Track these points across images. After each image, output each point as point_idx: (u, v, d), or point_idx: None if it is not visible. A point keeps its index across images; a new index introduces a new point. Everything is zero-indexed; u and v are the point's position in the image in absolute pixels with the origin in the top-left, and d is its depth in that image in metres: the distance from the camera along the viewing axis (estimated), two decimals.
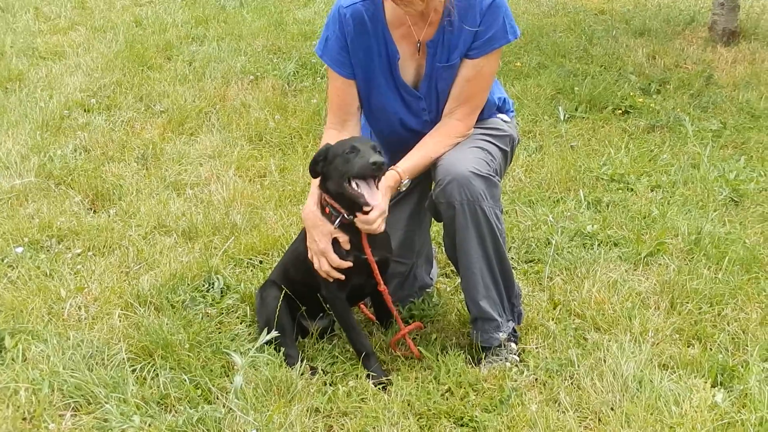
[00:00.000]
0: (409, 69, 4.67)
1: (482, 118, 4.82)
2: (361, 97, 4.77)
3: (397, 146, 4.72)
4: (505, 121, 4.93)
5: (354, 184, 4.29)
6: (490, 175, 4.48)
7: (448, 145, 4.61)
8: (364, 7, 4.53)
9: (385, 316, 4.93)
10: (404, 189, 4.59)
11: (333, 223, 4.43)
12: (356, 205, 4.33)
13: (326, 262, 4.44)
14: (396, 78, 4.67)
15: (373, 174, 4.25)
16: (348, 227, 4.44)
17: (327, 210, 4.46)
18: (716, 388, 4.39)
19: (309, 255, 4.55)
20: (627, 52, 10.57)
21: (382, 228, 4.41)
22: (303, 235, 4.68)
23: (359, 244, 4.47)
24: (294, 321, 4.74)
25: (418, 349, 4.72)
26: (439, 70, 4.60)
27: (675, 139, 7.99)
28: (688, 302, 5.17)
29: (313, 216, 4.49)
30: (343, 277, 4.45)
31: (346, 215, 4.39)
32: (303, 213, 4.57)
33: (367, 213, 4.32)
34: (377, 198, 4.29)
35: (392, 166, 4.51)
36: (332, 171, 4.37)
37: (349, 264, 4.44)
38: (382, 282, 4.59)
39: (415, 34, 4.56)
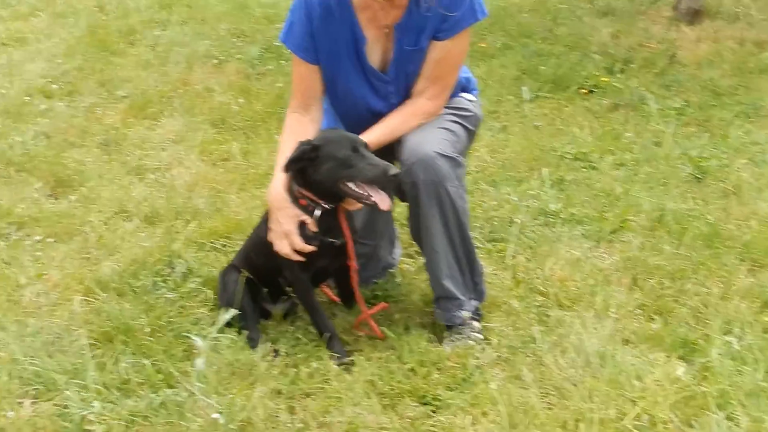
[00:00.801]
0: (376, 53, 4.62)
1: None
2: (326, 82, 4.73)
3: (362, 130, 4.68)
4: (470, 101, 4.92)
5: (353, 185, 4.27)
6: (456, 155, 4.47)
7: (415, 122, 4.58)
8: None
9: (349, 297, 4.90)
10: None
11: (311, 213, 4.40)
12: (339, 197, 4.35)
13: (287, 244, 4.41)
14: (363, 63, 4.62)
15: (389, 185, 4.28)
16: (320, 219, 4.42)
17: (303, 202, 4.40)
18: (678, 362, 4.40)
19: (269, 236, 4.51)
20: (591, 32, 10.61)
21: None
22: (266, 219, 4.66)
23: (330, 227, 4.44)
24: (256, 304, 4.71)
25: (381, 330, 4.70)
26: (408, 53, 4.56)
27: (639, 117, 8.02)
28: (650, 278, 5.20)
29: (280, 198, 4.44)
30: (303, 259, 4.42)
31: (324, 205, 4.38)
32: (268, 195, 4.52)
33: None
34: (387, 202, 4.31)
35: None
36: (326, 171, 4.28)
37: (312, 248, 4.41)
38: (354, 258, 4.57)
39: (382, 18, 4.51)
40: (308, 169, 4.33)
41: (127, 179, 6.64)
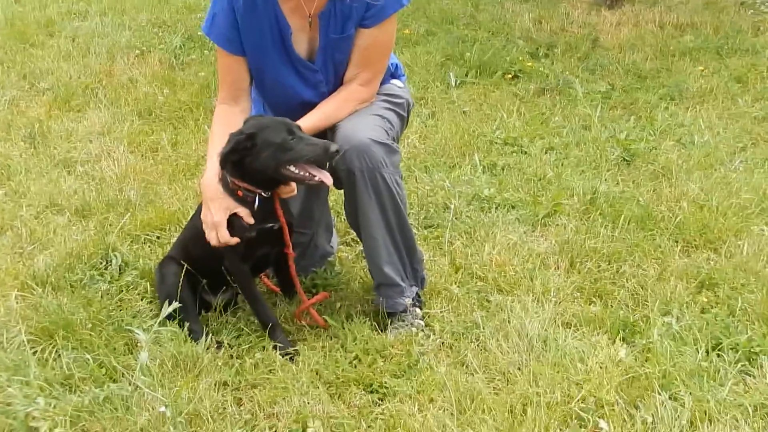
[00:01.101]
0: (302, 42, 4.59)
1: None
2: (253, 72, 4.70)
3: (294, 119, 4.65)
4: (399, 87, 4.92)
5: (295, 168, 4.23)
6: (390, 142, 4.47)
7: (349, 109, 4.58)
8: None
9: (289, 286, 4.87)
10: None
11: (249, 203, 4.37)
12: (277, 183, 4.34)
13: (215, 236, 4.37)
14: (290, 53, 4.58)
15: (326, 161, 4.23)
16: (256, 203, 4.39)
17: (240, 193, 4.35)
18: (619, 344, 4.45)
19: (202, 226, 4.47)
20: (513, 17, 10.68)
21: (295, 191, 4.45)
22: (201, 210, 4.63)
23: (267, 214, 4.42)
24: (196, 295, 4.67)
25: (324, 318, 4.69)
26: (334, 42, 4.54)
27: (565, 101, 8.09)
28: (587, 261, 5.25)
29: (213, 188, 4.38)
30: (236, 245, 4.39)
31: (263, 194, 4.35)
32: (202, 184, 4.46)
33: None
34: (331, 178, 4.30)
35: None
36: (265, 158, 4.22)
37: (235, 240, 4.37)
38: (290, 245, 4.56)
39: (305, 7, 4.48)
40: (245, 159, 4.27)
41: (56, 172, 6.54)
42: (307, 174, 4.24)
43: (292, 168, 4.23)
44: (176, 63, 9.06)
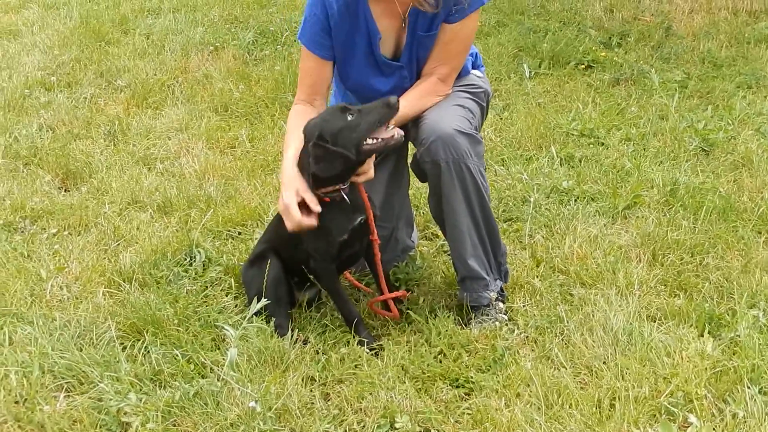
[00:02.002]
0: (389, 42, 4.65)
1: (458, 75, 4.80)
2: (338, 72, 4.78)
3: None
4: (478, 77, 4.95)
5: (370, 140, 4.28)
6: (474, 132, 4.49)
7: (429, 100, 4.61)
8: None
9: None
10: None
11: (336, 200, 4.40)
12: (349, 172, 4.36)
13: (289, 219, 4.39)
14: (376, 56, 4.64)
15: (396, 112, 4.26)
16: (346, 198, 4.44)
17: (327, 200, 4.38)
18: (705, 338, 4.42)
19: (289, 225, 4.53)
20: (584, 6, 10.57)
21: (372, 173, 4.46)
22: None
23: (353, 207, 4.46)
24: (288, 291, 4.72)
25: (399, 310, 4.76)
26: (421, 39, 4.58)
27: (641, 91, 8.01)
28: (669, 253, 5.21)
29: (286, 174, 4.42)
30: (309, 223, 4.37)
31: (343, 186, 4.38)
32: (281, 176, 4.53)
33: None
34: (399, 130, 4.34)
35: None
36: (343, 146, 4.24)
37: (312, 222, 4.37)
38: (375, 231, 4.60)
39: (398, 7, 4.52)
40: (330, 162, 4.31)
41: (137, 169, 6.62)
42: (382, 139, 4.29)
43: (370, 141, 4.27)
44: (249, 58, 9.10)
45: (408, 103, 4.54)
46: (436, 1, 4.37)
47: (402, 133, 4.34)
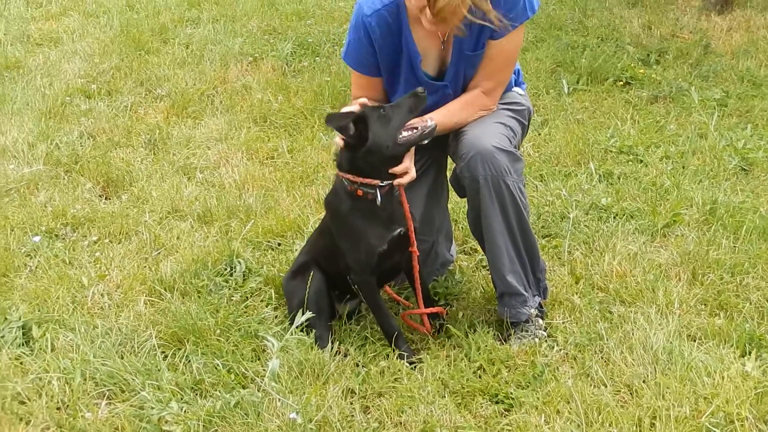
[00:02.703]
0: (432, 62, 4.68)
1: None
2: (385, 89, 4.82)
3: None
4: (520, 95, 4.98)
5: (405, 133, 4.35)
6: (513, 149, 4.51)
7: (472, 112, 4.64)
8: (387, 11, 4.52)
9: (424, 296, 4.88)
10: (424, 142, 4.53)
11: (370, 198, 4.42)
12: (392, 165, 4.40)
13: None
14: (419, 76, 4.67)
15: (424, 102, 4.36)
16: (370, 210, 4.45)
17: (360, 192, 4.43)
18: (746, 358, 4.41)
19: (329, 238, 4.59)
20: (622, 22, 10.55)
21: (414, 174, 4.48)
22: (324, 227, 4.78)
23: (392, 216, 4.50)
24: (330, 303, 4.74)
25: (440, 324, 4.82)
26: (468, 58, 4.60)
27: (679, 109, 7.98)
28: (709, 272, 5.20)
29: None
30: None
31: (381, 183, 4.40)
32: None
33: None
34: (430, 120, 4.40)
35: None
36: (379, 137, 4.32)
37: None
38: (415, 243, 4.60)
39: (438, 33, 4.55)
40: (360, 151, 4.37)
41: (176, 178, 6.67)
42: (417, 129, 4.36)
43: (405, 133, 4.34)
44: (288, 70, 9.13)
45: (449, 113, 4.59)
46: (465, 26, 4.37)
47: (433, 123, 4.39)
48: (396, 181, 4.44)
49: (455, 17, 4.19)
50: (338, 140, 4.38)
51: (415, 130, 4.36)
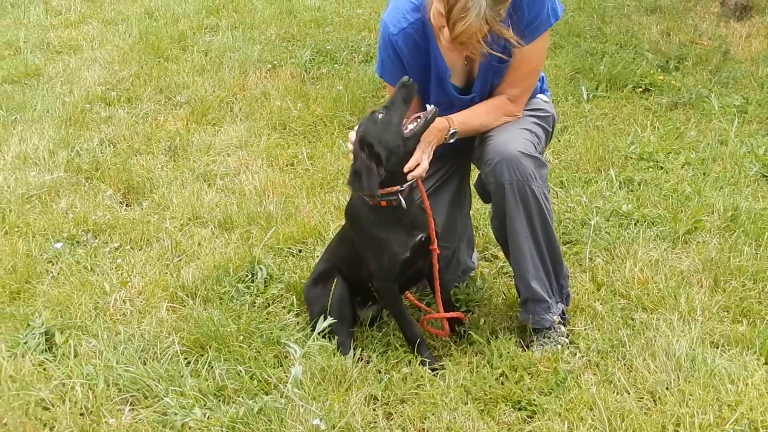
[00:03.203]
0: (459, 74, 4.70)
1: None
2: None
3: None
4: (544, 101, 4.98)
5: (410, 125, 4.34)
6: (538, 155, 4.50)
7: (497, 116, 4.63)
8: (413, 29, 4.53)
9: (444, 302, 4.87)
10: (451, 140, 4.55)
11: (394, 205, 4.42)
12: (402, 173, 4.37)
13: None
14: (447, 90, 4.68)
15: (411, 88, 4.35)
16: (392, 218, 4.46)
17: (384, 203, 4.42)
18: None
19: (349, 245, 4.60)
20: (641, 29, 10.52)
21: (426, 164, 4.43)
22: (345, 236, 4.78)
23: (415, 221, 4.51)
24: (352, 310, 4.75)
25: (463, 330, 4.83)
26: (495, 69, 4.60)
27: (699, 115, 7.96)
28: (731, 279, 5.18)
29: None
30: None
31: (401, 188, 4.39)
32: None
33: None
34: (431, 106, 4.37)
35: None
36: (390, 140, 4.30)
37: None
38: (436, 240, 4.58)
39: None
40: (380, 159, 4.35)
41: (197, 185, 6.68)
42: (420, 116, 4.36)
43: (410, 126, 4.34)
44: (307, 77, 9.13)
45: (473, 113, 4.61)
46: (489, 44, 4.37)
47: (434, 108, 4.36)
48: (410, 174, 4.40)
49: (472, 43, 4.18)
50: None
51: (419, 119, 4.34)
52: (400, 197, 4.40)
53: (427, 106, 4.38)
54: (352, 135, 4.42)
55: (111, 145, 7.49)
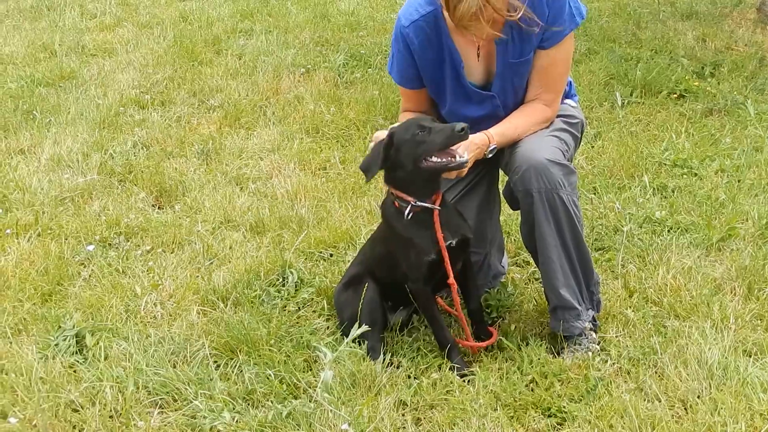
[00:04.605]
0: (477, 70, 4.66)
1: None
2: (435, 100, 4.82)
3: None
4: (573, 107, 4.94)
5: (434, 158, 4.29)
6: (567, 162, 4.48)
7: (535, 124, 4.62)
8: (425, 21, 4.53)
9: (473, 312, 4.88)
10: (490, 155, 4.54)
11: (404, 214, 4.42)
12: (427, 187, 4.41)
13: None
14: (464, 84, 4.66)
15: (461, 140, 4.26)
16: (420, 218, 4.44)
17: (396, 204, 4.45)
18: None
19: (385, 248, 4.60)
20: (676, 35, 10.46)
21: (470, 161, 4.41)
22: (380, 235, 4.77)
23: (448, 227, 4.48)
24: (383, 314, 4.74)
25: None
26: (513, 66, 4.57)
27: (735, 122, 7.88)
28: (765, 287, 5.12)
29: None
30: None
31: (414, 202, 4.40)
32: None
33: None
34: (465, 153, 4.32)
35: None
36: (404, 157, 4.32)
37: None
38: (452, 274, 4.52)
39: (479, 37, 4.51)
40: (395, 165, 4.39)
41: (229, 189, 6.70)
42: (444, 160, 4.30)
43: (434, 158, 4.30)
44: (340, 81, 9.15)
45: (510, 125, 4.60)
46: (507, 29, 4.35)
47: (465, 159, 4.31)
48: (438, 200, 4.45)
49: (477, 24, 4.16)
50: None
51: (445, 159, 4.30)
52: (407, 211, 4.42)
53: (458, 154, 4.31)
54: (381, 133, 4.43)
55: (144, 148, 7.53)
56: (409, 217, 4.42)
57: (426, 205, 4.41)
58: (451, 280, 4.53)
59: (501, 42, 4.48)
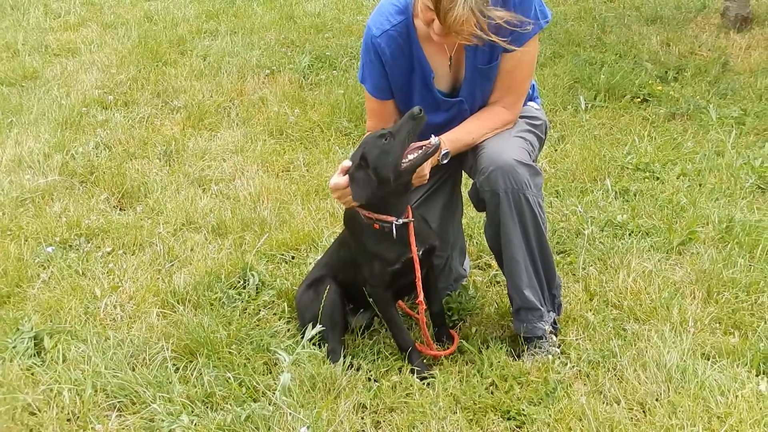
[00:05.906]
0: (445, 78, 4.67)
1: None
2: (401, 110, 4.78)
3: None
4: (536, 108, 4.95)
5: (409, 156, 4.30)
6: (533, 163, 4.48)
7: (492, 128, 4.61)
8: (396, 31, 4.52)
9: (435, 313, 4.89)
10: (444, 161, 4.54)
11: (387, 233, 4.42)
12: (402, 203, 4.41)
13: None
14: (433, 94, 4.66)
15: (422, 121, 4.27)
16: (386, 231, 4.43)
17: (377, 226, 4.42)
18: (760, 377, 4.37)
19: (347, 251, 4.60)
20: (641, 39, 10.50)
21: (427, 175, 4.45)
22: (343, 239, 4.75)
23: (407, 245, 4.45)
24: (343, 317, 4.73)
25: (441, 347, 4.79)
26: (483, 71, 4.57)
27: (697, 126, 7.93)
28: (724, 291, 5.15)
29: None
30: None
31: (397, 221, 4.39)
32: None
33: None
34: (433, 139, 4.34)
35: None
36: (382, 170, 4.27)
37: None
38: (422, 293, 4.53)
39: (446, 49, 4.54)
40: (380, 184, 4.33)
41: (192, 190, 6.67)
42: (420, 151, 4.31)
43: (410, 156, 4.30)
44: (305, 83, 9.14)
45: (464, 130, 4.60)
46: (480, 37, 4.34)
47: (437, 140, 4.34)
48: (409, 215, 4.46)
49: (466, 29, 4.16)
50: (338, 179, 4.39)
51: (419, 150, 4.31)
52: (393, 228, 4.40)
53: (432, 137, 4.34)
54: (347, 162, 4.40)
55: (106, 149, 7.50)
56: (395, 235, 4.42)
57: (406, 221, 4.41)
58: (420, 298, 4.54)
59: (470, 48, 4.48)
